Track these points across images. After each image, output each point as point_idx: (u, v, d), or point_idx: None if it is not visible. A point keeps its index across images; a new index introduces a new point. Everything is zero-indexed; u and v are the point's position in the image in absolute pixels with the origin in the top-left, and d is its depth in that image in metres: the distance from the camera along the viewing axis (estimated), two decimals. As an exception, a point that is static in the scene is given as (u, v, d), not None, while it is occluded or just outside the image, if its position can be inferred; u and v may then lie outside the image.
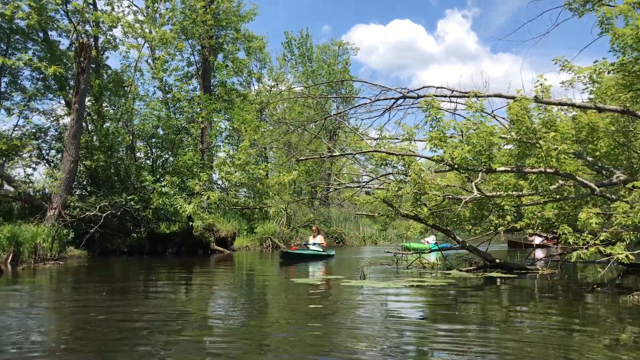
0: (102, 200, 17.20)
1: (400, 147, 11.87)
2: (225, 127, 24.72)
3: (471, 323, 6.06)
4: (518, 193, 11.67)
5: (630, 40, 9.60)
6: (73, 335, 5.47)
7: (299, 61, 43.04)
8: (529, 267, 11.44)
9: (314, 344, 5.01)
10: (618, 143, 11.72)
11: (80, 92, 16.97)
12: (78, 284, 10.81)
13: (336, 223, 31.09)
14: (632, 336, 5.32)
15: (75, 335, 5.44)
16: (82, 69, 16.99)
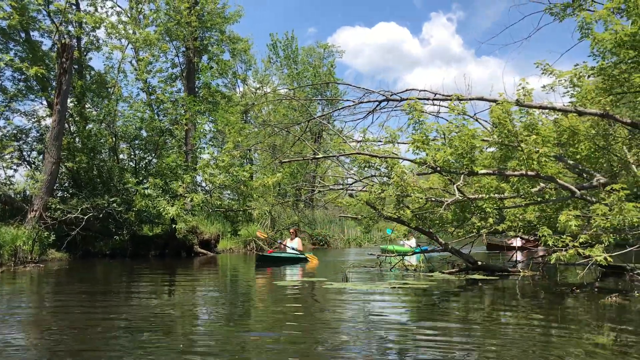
0: (83, 202, 17.06)
1: (383, 149, 11.91)
2: (210, 129, 24.64)
3: (453, 324, 6.10)
4: (500, 196, 11.75)
5: (609, 45, 9.71)
6: (53, 338, 5.41)
7: (284, 63, 43.06)
8: (510, 269, 11.53)
9: (296, 342, 5.02)
10: (598, 146, 11.87)
11: (62, 93, 16.81)
12: (58, 287, 10.70)
13: (321, 225, 31.08)
14: (610, 337, 5.38)
15: (55, 339, 5.38)
16: (64, 70, 16.84)
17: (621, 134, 12.48)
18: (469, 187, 13.43)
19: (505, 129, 10.53)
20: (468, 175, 10.91)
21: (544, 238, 8.54)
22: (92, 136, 18.70)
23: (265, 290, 9.80)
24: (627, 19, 9.88)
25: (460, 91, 12.08)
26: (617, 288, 9.07)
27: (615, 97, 11.23)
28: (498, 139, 10.96)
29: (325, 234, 29.67)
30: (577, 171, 12.21)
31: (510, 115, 10.51)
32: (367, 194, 11.44)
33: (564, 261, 8.10)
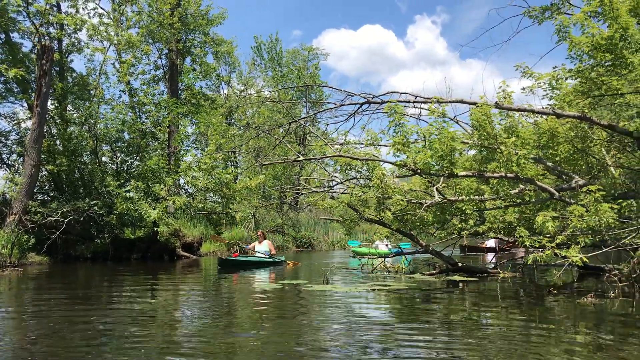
0: (64, 205, 16.89)
1: (364, 152, 11.95)
2: (193, 131, 24.55)
3: (433, 324, 6.12)
4: (480, 197, 11.83)
5: (586, 48, 9.83)
6: (32, 343, 5.34)
7: (268, 66, 43.05)
8: (490, 271, 11.60)
9: (277, 343, 5.02)
10: (577, 148, 12.00)
11: (42, 96, 16.66)
12: (37, 291, 10.57)
13: (305, 228, 31.07)
14: (584, 337, 5.45)
15: (32, 343, 5.32)
16: (44, 72, 16.69)
17: (600, 136, 12.61)
18: (450, 189, 13.52)
19: (484, 131, 10.61)
20: (448, 178, 10.96)
21: (521, 239, 8.60)
22: (73, 139, 18.53)
23: (245, 293, 9.77)
24: (604, 22, 10.02)
25: (442, 94, 12.16)
26: (594, 288, 9.17)
27: (594, 100, 11.38)
28: (478, 142, 11.05)
29: (310, 236, 29.67)
30: (557, 173, 12.32)
31: (489, 117, 10.57)
32: (349, 196, 11.46)
33: (541, 262, 8.16)
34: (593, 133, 12.59)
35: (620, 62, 9.77)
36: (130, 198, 17.30)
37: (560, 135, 11.98)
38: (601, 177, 12.61)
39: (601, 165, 12.13)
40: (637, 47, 9.11)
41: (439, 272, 11.70)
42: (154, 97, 23.21)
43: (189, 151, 21.80)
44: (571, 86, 11.68)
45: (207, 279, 13.04)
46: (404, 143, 10.86)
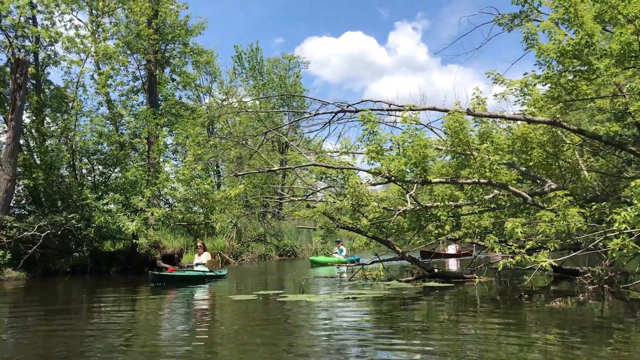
0: (41, 219, 16.72)
1: (339, 160, 12.02)
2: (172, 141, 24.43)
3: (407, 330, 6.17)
4: (455, 203, 11.92)
5: (553, 55, 9.99)
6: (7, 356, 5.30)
7: (249, 75, 43.05)
8: (466, 276, 11.68)
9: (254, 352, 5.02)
10: (549, 153, 12.15)
11: (16, 109, 16.52)
12: (13, 305, 10.45)
13: (288, 236, 31.01)
14: (555, 338, 5.53)
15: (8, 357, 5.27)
16: (19, 86, 16.56)
17: (573, 140, 12.78)
18: (426, 195, 13.62)
19: (457, 138, 10.71)
20: (422, 184, 11.06)
21: (491, 245, 8.69)
22: (50, 152, 18.36)
23: (221, 304, 9.73)
24: (570, 29, 10.18)
25: (417, 101, 12.27)
26: (566, 291, 9.29)
27: (565, 105, 11.53)
28: (451, 148, 11.15)
29: (292, 245, 29.61)
30: (530, 177, 12.46)
31: (461, 124, 10.67)
32: (324, 204, 11.50)
33: (511, 267, 8.24)
34: (567, 137, 12.77)
35: (587, 67, 9.95)
36: (108, 211, 17.16)
37: (533, 141, 12.12)
38: (573, 180, 12.78)
39: (573, 169, 12.28)
40: (602, 53, 9.26)
41: (415, 278, 11.74)
42: (132, 109, 23.08)
43: (167, 162, 21.68)
44: (543, 92, 11.85)
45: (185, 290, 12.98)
46: (378, 151, 10.94)
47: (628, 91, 9.71)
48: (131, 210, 18.10)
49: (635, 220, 7.10)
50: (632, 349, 5.18)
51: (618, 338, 5.61)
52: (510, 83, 12.06)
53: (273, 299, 9.55)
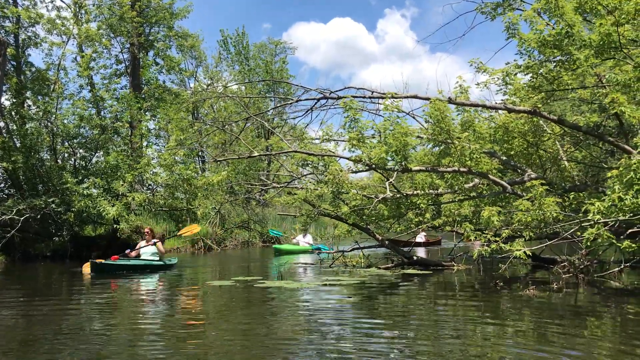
0: (19, 203, 16.55)
1: (321, 147, 11.99)
2: (154, 126, 24.25)
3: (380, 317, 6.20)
4: (436, 192, 11.96)
5: (534, 45, 10.01)
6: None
7: (235, 60, 42.73)
8: (444, 263, 11.75)
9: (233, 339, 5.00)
10: (529, 143, 12.22)
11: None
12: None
13: (272, 223, 30.98)
14: (529, 325, 5.60)
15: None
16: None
17: (554, 130, 12.85)
18: (408, 183, 13.66)
19: (437, 126, 10.72)
20: (402, 172, 11.07)
21: (466, 233, 8.74)
22: (30, 135, 18.13)
23: (199, 291, 9.71)
24: (550, 19, 10.21)
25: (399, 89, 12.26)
26: (542, 280, 9.39)
27: (547, 95, 11.58)
28: (432, 136, 11.16)
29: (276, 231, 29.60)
30: (511, 167, 12.53)
31: (442, 113, 10.67)
32: (305, 191, 11.49)
33: (486, 256, 8.30)
34: (548, 127, 12.84)
35: (568, 58, 9.98)
36: (88, 195, 17.02)
37: (514, 130, 12.18)
38: (553, 170, 12.87)
39: (553, 159, 12.37)
40: (582, 43, 9.28)
41: (394, 265, 11.80)
42: (115, 92, 22.84)
43: (149, 146, 21.53)
44: (525, 81, 11.89)
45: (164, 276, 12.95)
46: (359, 138, 10.93)
47: (606, 82, 9.76)
48: (112, 195, 17.97)
49: (608, 211, 7.17)
50: (604, 336, 5.26)
51: (591, 326, 5.68)
52: (492, 72, 12.07)
53: (250, 285, 9.54)
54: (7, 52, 17.49)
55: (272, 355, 4.58)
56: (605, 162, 14.46)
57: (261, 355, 4.61)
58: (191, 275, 12.72)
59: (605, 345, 4.78)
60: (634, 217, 7.23)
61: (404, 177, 12.86)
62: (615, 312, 6.46)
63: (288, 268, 12.90)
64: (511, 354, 4.51)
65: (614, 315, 6.30)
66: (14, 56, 20.46)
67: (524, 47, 10.65)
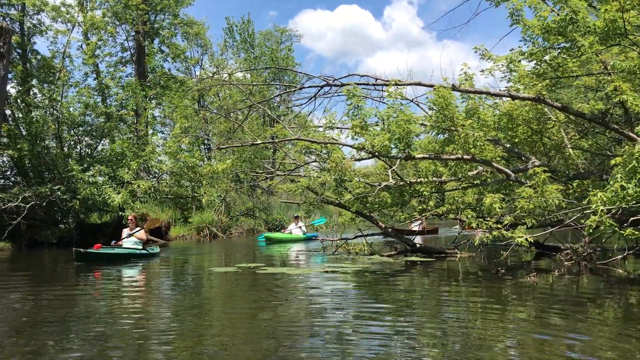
0: (25, 190, 16.67)
1: (324, 135, 11.99)
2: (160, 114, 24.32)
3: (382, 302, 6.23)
4: (440, 179, 11.95)
5: (537, 31, 9.93)
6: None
7: (240, 47, 42.67)
8: (448, 251, 11.75)
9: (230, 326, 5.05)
10: (533, 130, 12.16)
11: (0, 79, 16.28)
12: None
13: (277, 210, 31.04)
14: (529, 312, 5.64)
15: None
16: (2, 55, 16.26)
17: (559, 117, 12.78)
18: (411, 170, 13.65)
19: (441, 113, 10.69)
20: (405, 160, 11.06)
21: (468, 220, 8.74)
22: (35, 123, 18.21)
23: (202, 277, 9.77)
24: (555, 5, 10.12)
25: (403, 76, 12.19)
26: (545, 268, 9.38)
27: (551, 82, 11.49)
28: (435, 124, 11.13)
29: (282, 219, 29.67)
30: (515, 154, 12.48)
31: (446, 100, 10.62)
32: (307, 179, 11.50)
33: (488, 243, 8.31)
34: (553, 115, 12.77)
35: (572, 44, 9.90)
36: (94, 182, 17.12)
37: (519, 117, 12.12)
38: (558, 158, 12.82)
39: (557, 146, 12.31)
40: (586, 29, 9.20)
41: (397, 253, 11.82)
42: (120, 80, 22.90)
43: (154, 134, 21.59)
44: (529, 69, 11.81)
45: (167, 262, 13.04)
46: (362, 126, 10.91)
47: (611, 69, 9.68)
48: (117, 183, 18.06)
49: (610, 201, 7.15)
50: (606, 321, 5.28)
51: (592, 311, 5.69)
52: (496, 59, 12.00)
53: (253, 272, 9.60)
54: (12, 40, 17.48)
55: (273, 338, 4.62)
56: (611, 150, 14.39)
57: (265, 338, 4.64)
58: (196, 262, 12.79)
59: (607, 330, 4.80)
60: (637, 204, 7.21)
61: (408, 164, 12.85)
62: (618, 299, 6.47)
63: (290, 256, 12.94)
64: (513, 338, 4.53)
65: (616, 301, 6.31)
66: (19, 44, 20.51)
67: (528, 34, 10.57)
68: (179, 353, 4.30)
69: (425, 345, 4.41)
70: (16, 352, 4.35)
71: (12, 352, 4.33)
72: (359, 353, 4.21)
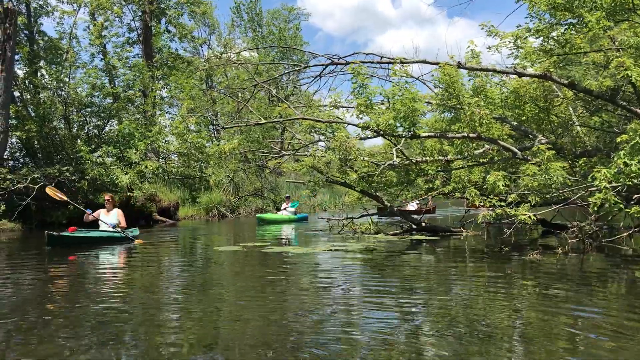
0: (34, 171, 16.81)
1: (329, 114, 11.96)
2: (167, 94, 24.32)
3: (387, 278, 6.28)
4: (445, 158, 11.90)
5: (544, 7, 9.79)
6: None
7: (248, 27, 42.44)
8: (453, 230, 11.76)
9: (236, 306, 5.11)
10: (540, 108, 12.04)
11: (6, 61, 16.36)
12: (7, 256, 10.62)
13: (286, 190, 31.11)
14: (533, 287, 5.66)
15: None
16: (8, 36, 16.36)
17: (567, 95, 12.65)
18: (417, 149, 13.61)
19: (446, 91, 10.62)
20: (410, 139, 11.02)
21: (471, 198, 8.73)
22: (42, 104, 18.30)
23: (205, 256, 9.84)
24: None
25: (411, 54, 12.10)
26: (550, 245, 9.38)
27: (559, 59, 11.35)
28: (441, 102, 11.07)
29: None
30: (522, 132, 12.39)
31: (452, 78, 10.53)
32: (312, 158, 11.50)
33: (490, 221, 8.30)
34: (561, 92, 12.63)
35: (579, 20, 9.76)
36: (102, 163, 17.23)
37: (527, 95, 12.01)
38: (565, 136, 12.71)
39: (563, 124, 12.20)
40: (593, 5, 9.06)
41: (402, 231, 11.84)
42: (127, 61, 22.89)
43: (161, 115, 21.64)
44: (536, 45, 11.66)
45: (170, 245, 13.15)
46: (367, 105, 10.87)
47: (619, 45, 9.53)
48: (125, 164, 18.15)
49: (614, 178, 7.10)
50: (610, 295, 5.29)
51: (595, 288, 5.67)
52: (503, 35, 11.86)
53: (257, 251, 9.66)
54: (19, 21, 17.52)
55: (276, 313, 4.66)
56: (619, 128, 14.23)
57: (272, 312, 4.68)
58: (205, 241, 12.89)
59: (611, 305, 4.80)
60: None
61: (414, 143, 12.80)
62: (622, 275, 6.47)
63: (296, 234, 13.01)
64: (517, 312, 4.57)
65: (621, 278, 6.32)
66: (26, 25, 20.54)
67: (534, 10, 10.43)
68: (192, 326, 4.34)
69: (430, 317, 4.48)
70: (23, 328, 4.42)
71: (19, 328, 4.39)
72: (366, 324, 4.29)
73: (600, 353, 3.45)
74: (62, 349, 3.72)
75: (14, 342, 3.98)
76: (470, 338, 3.80)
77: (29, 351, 3.71)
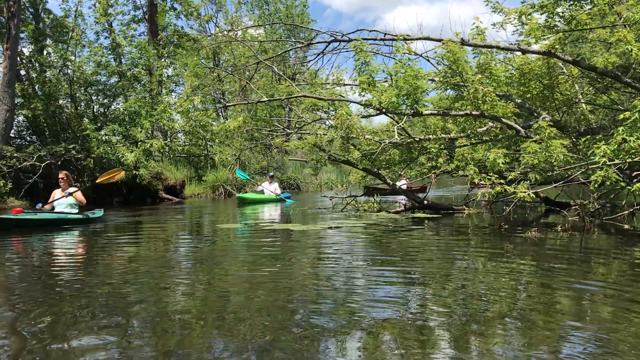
0: (40, 150, 16.93)
1: (332, 91, 11.92)
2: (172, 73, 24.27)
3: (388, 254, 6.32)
4: (448, 136, 11.87)
5: (548, -18, 9.65)
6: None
7: (255, 4, 42.13)
8: (455, 207, 11.78)
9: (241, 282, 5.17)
10: (545, 85, 11.93)
11: (11, 39, 16.37)
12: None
13: (292, 169, 31.20)
14: (532, 264, 5.67)
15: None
16: (12, 14, 16.34)
17: (572, 72, 12.52)
18: (420, 127, 13.57)
19: (449, 68, 10.55)
20: (413, 116, 10.98)
21: (470, 176, 8.73)
22: (48, 82, 18.35)
23: (207, 233, 9.93)
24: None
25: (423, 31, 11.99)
26: (551, 223, 9.39)
27: (564, 35, 11.22)
28: (444, 79, 11.00)
29: (296, 178, 29.83)
30: (526, 110, 12.31)
31: (455, 54, 10.45)
32: (314, 136, 11.50)
33: (490, 199, 8.30)
34: (566, 69, 12.50)
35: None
36: (107, 141, 17.31)
37: (532, 72, 11.90)
38: (570, 113, 12.61)
39: (567, 101, 12.10)
40: (598, -21, 8.91)
41: (404, 209, 11.87)
42: (132, 39, 22.86)
43: (167, 93, 21.63)
44: (542, 21, 11.51)
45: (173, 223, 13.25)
46: (370, 82, 10.81)
47: (625, 21, 9.40)
48: (131, 142, 18.23)
49: (614, 154, 7.06)
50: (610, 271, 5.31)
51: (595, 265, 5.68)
52: (508, 12, 11.72)
53: (260, 228, 9.74)
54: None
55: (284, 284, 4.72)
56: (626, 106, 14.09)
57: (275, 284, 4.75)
58: (210, 219, 12.98)
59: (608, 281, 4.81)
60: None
61: (416, 121, 12.76)
62: (622, 252, 6.45)
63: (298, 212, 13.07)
64: (516, 285, 4.62)
65: (621, 254, 6.31)
66: (31, 3, 20.51)
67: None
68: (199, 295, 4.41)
69: (429, 290, 4.53)
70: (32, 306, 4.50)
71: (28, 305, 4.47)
72: (368, 295, 4.37)
73: (601, 324, 3.50)
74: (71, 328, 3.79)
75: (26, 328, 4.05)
76: (471, 306, 3.89)
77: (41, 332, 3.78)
